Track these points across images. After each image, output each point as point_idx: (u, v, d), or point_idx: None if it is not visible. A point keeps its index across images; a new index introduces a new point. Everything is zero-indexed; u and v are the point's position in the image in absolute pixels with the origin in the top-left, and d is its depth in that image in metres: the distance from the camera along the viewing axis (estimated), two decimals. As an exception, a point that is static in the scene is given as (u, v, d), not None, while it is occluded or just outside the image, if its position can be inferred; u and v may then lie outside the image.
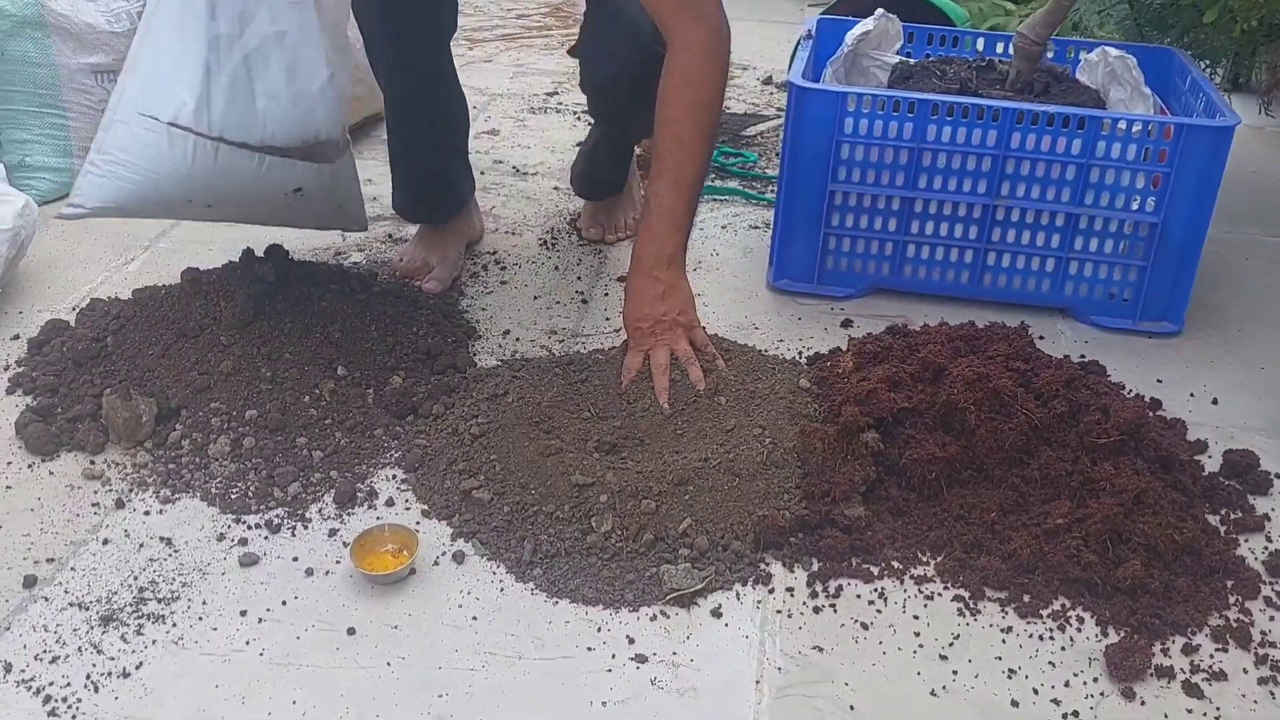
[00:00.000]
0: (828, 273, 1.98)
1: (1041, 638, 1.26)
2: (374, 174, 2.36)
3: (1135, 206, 1.83)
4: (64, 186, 2.22)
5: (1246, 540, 1.42)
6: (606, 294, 1.96)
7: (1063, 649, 1.25)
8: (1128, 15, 2.45)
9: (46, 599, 1.27)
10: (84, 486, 1.44)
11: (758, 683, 1.19)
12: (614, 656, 1.22)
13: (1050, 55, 2.14)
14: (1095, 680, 1.21)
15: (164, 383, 1.55)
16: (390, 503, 1.43)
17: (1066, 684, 1.20)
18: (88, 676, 1.16)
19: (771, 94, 3.08)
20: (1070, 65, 2.15)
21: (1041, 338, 1.82)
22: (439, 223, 2.00)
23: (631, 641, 1.23)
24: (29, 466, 1.48)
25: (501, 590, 1.30)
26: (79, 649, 1.20)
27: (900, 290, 1.98)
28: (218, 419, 1.50)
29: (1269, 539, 1.42)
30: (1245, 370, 1.82)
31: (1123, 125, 1.79)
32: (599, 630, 1.25)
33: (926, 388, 1.49)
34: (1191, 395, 1.73)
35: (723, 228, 2.25)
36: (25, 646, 1.20)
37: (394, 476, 1.47)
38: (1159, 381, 1.76)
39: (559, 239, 2.16)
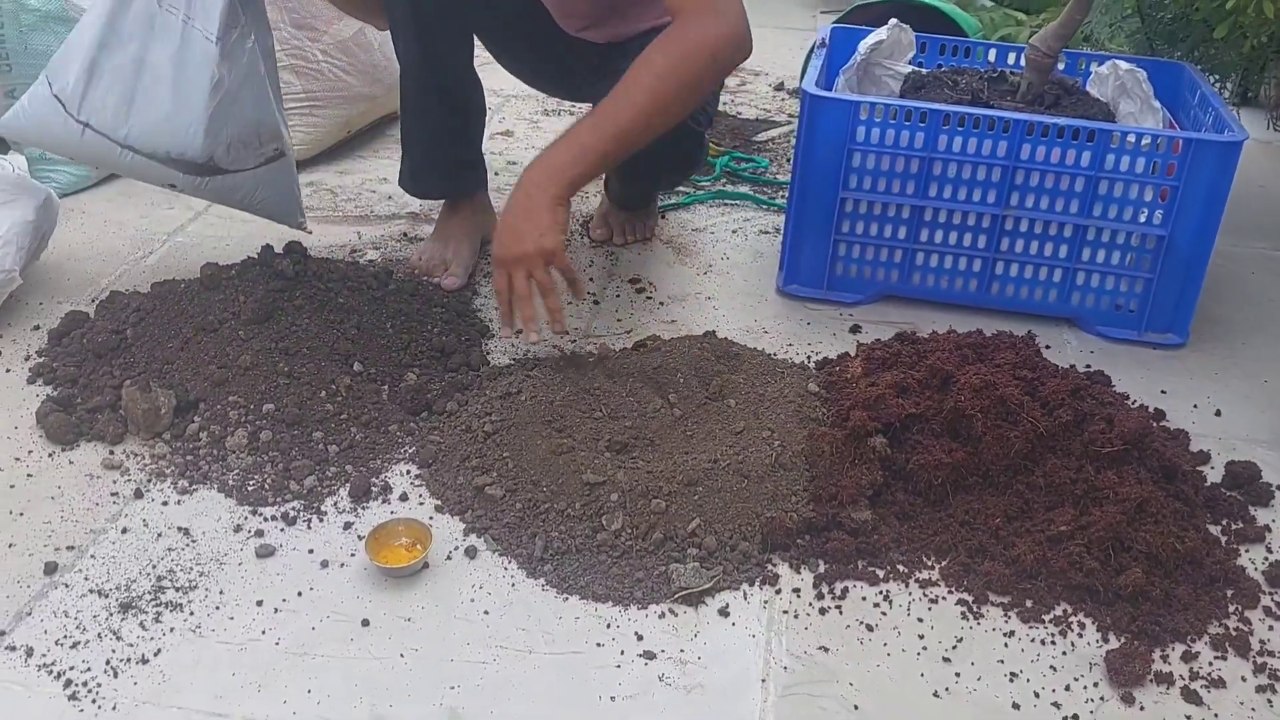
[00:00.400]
0: (837, 279, 2.00)
1: (1043, 642, 1.28)
2: (389, 173, 2.38)
3: (1143, 219, 1.85)
4: (83, 180, 2.25)
5: (1247, 550, 1.44)
6: (618, 295, 1.99)
7: (1064, 654, 1.27)
8: (1139, 29, 2.47)
9: (67, 585, 1.29)
10: (103, 476, 1.47)
11: (763, 681, 1.21)
12: (623, 653, 1.24)
13: (1061, 67, 2.16)
14: (1095, 685, 1.23)
15: (183, 375, 1.58)
16: (404, 498, 1.45)
17: (1067, 688, 1.22)
18: (107, 662, 1.19)
19: (783, 100, 3.10)
20: (1081, 77, 2.17)
21: (1048, 347, 1.84)
22: (443, 197, 2.04)
23: (640, 638, 1.26)
24: (49, 455, 1.50)
25: (513, 585, 1.32)
26: (99, 635, 1.22)
27: (909, 297, 2.00)
28: (235, 412, 1.53)
29: (1269, 550, 1.44)
30: (1249, 383, 1.84)
31: (1132, 139, 1.81)
32: (608, 627, 1.27)
33: (934, 394, 1.51)
34: (1195, 407, 1.75)
35: (733, 232, 2.27)
36: (46, 631, 1.23)
37: (408, 472, 1.50)
38: (1163, 392, 1.78)
39: (571, 240, 2.19)
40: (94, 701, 1.14)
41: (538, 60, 1.99)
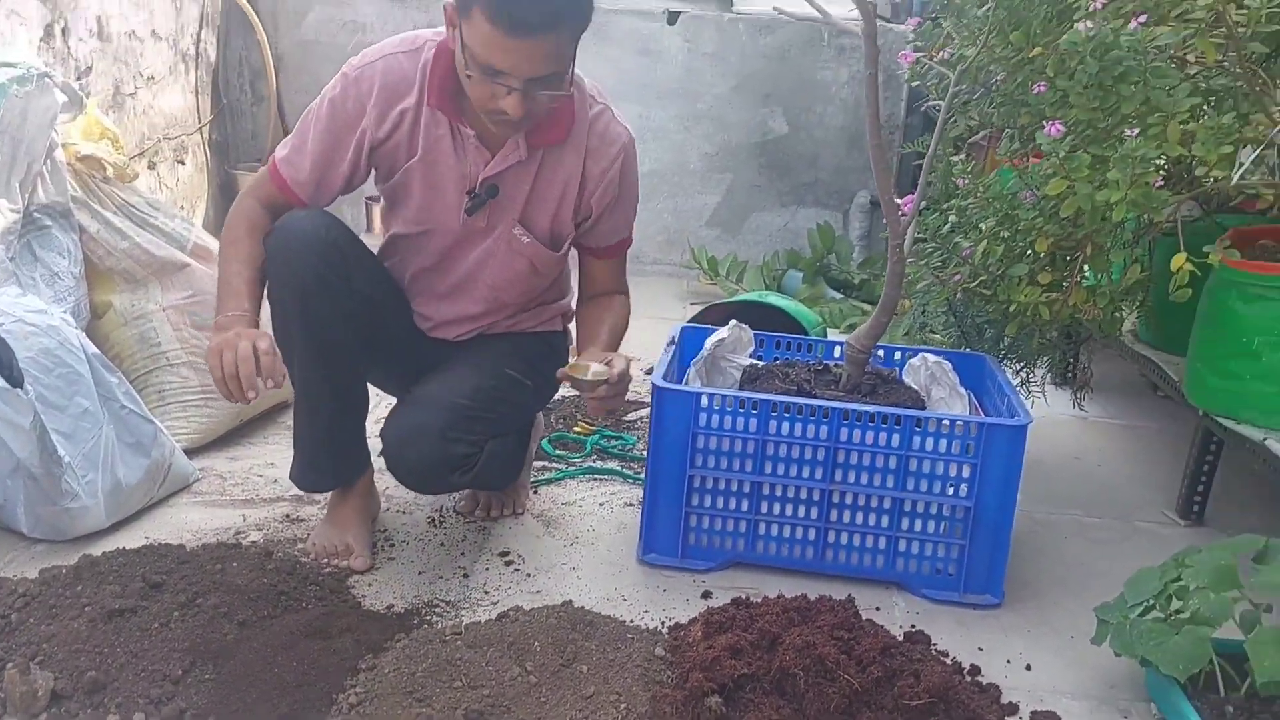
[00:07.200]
0: (690, 548, 2.19)
1: None
2: (276, 458, 2.54)
3: (952, 492, 2.10)
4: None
5: (1046, 793, 1.59)
6: (487, 568, 2.13)
7: None
8: (953, 323, 2.82)
9: None
10: (-26, 758, 1.52)
11: None
12: None
13: (882, 358, 2.47)
14: None
15: (62, 659, 1.66)
16: (269, 769, 1.53)
17: None
18: None
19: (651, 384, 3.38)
20: (897, 367, 2.48)
21: (878, 609, 2.03)
22: (334, 489, 2.18)
23: None
24: (-78, 739, 1.55)
25: None
26: None
27: (755, 564, 2.19)
28: (112, 696, 1.61)
29: (1065, 792, 1.60)
30: (1059, 639, 2.03)
31: (934, 423, 2.08)
32: None
33: (764, 655, 1.67)
34: (1008, 662, 1.93)
35: (600, 505, 2.46)
36: None
37: (275, 744, 1.58)
38: (980, 649, 1.96)
39: (446, 517, 2.35)
40: None
41: (401, 365, 2.21)
